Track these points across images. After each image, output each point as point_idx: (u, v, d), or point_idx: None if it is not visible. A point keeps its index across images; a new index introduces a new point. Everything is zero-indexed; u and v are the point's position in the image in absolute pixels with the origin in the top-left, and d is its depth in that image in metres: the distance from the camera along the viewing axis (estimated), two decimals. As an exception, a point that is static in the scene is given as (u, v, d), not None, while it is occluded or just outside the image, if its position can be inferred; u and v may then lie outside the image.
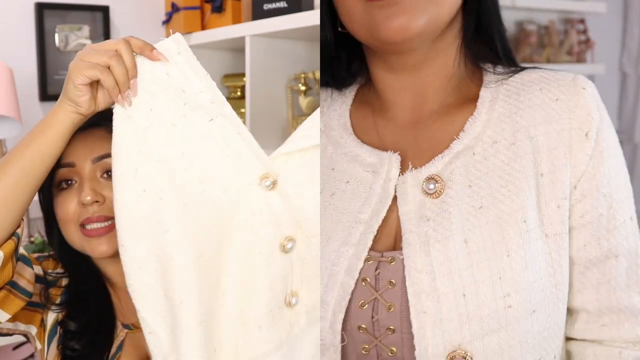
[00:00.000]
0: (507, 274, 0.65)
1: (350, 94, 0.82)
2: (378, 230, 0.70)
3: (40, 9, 2.21)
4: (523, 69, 0.76)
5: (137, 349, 0.96)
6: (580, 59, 3.03)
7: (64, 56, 2.28)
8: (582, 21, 3.10)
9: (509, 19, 2.93)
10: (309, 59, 2.17)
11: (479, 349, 0.64)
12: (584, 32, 3.09)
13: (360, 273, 0.68)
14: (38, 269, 0.97)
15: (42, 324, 0.97)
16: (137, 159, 0.80)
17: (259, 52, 2.06)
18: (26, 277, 0.91)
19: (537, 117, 0.71)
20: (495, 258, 0.66)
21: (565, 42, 2.99)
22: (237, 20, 2.18)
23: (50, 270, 1.00)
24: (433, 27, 0.69)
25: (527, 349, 0.66)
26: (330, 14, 0.76)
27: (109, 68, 0.78)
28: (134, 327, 0.98)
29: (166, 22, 2.43)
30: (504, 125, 0.72)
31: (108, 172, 0.95)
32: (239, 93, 2.45)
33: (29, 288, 0.91)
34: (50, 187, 0.97)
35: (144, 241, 0.80)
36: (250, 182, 0.83)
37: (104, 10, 2.33)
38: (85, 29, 2.31)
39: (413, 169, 0.72)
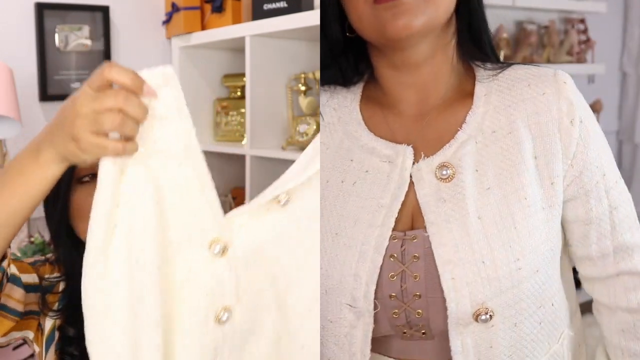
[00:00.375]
0: (515, 243, 0.79)
1: (357, 91, 0.91)
2: (398, 213, 0.81)
3: (40, 9, 2.21)
4: (509, 65, 0.88)
5: None
6: (580, 59, 3.03)
7: (64, 56, 2.28)
8: (582, 21, 3.10)
9: (509, 18, 2.93)
10: (309, 59, 2.17)
11: (498, 304, 0.79)
12: (584, 31, 3.09)
13: (386, 250, 0.80)
14: (33, 277, 0.96)
15: (39, 328, 0.96)
16: (116, 214, 0.72)
17: (259, 52, 2.06)
18: (15, 297, 0.90)
19: (529, 110, 0.83)
20: (505, 230, 0.79)
21: (565, 42, 2.99)
22: (237, 20, 2.18)
23: (47, 276, 0.99)
24: (431, 26, 0.80)
25: (532, 300, 0.81)
26: (340, 21, 0.87)
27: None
28: None
29: (166, 22, 2.43)
30: (499, 117, 0.83)
31: None
32: (239, 93, 2.45)
33: (19, 308, 0.90)
34: (70, 182, 0.95)
35: (117, 307, 0.73)
36: (202, 243, 0.78)
37: (104, 10, 2.34)
38: (85, 29, 2.31)
39: (425, 157, 0.83)
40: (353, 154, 0.86)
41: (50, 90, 2.25)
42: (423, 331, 0.83)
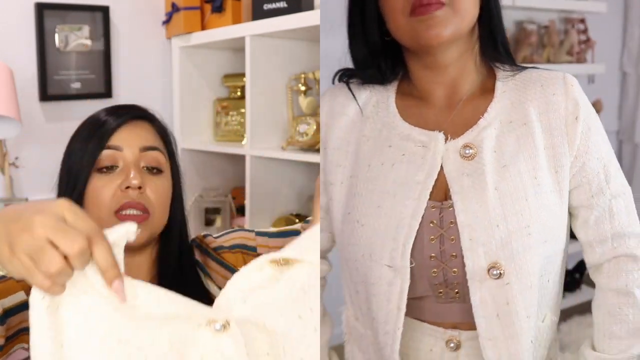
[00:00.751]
0: (526, 212, 0.92)
1: (392, 88, 1.05)
2: (432, 188, 0.95)
3: (40, 9, 2.21)
4: (524, 68, 1.02)
5: None
6: (580, 58, 3.02)
7: (64, 56, 2.28)
8: (582, 21, 3.10)
9: (509, 18, 2.92)
10: (309, 59, 2.17)
11: (509, 264, 0.91)
12: (585, 31, 3.09)
13: (425, 217, 0.93)
14: (21, 296, 0.94)
15: None
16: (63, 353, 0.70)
17: (259, 52, 2.06)
18: None
19: (541, 107, 0.97)
20: (518, 201, 0.92)
21: (565, 42, 2.99)
22: (237, 20, 2.18)
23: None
24: (458, 35, 0.95)
25: (543, 266, 0.93)
26: (378, 25, 1.00)
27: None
28: None
29: (166, 22, 2.44)
30: (516, 110, 0.98)
31: (148, 166, 1.02)
32: (239, 93, 2.45)
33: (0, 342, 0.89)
34: (89, 172, 0.98)
35: None
36: (200, 323, 0.78)
37: (104, 10, 2.34)
38: (85, 29, 2.31)
39: (452, 139, 0.97)
40: (391, 141, 1.00)
41: (50, 90, 2.25)
42: (457, 290, 0.95)
